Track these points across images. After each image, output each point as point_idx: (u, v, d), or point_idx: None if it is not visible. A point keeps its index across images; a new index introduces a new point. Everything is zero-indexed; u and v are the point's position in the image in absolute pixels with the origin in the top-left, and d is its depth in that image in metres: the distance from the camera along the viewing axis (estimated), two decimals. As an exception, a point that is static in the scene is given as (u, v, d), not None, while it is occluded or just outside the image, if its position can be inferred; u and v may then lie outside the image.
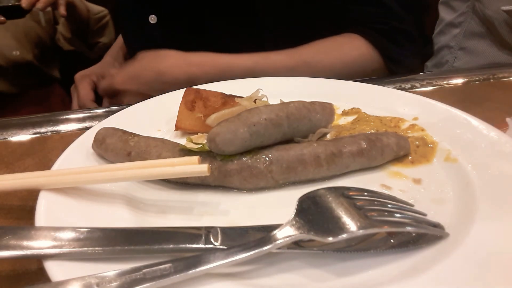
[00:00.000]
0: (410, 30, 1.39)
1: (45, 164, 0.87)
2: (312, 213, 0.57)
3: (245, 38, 1.42)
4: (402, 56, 1.39)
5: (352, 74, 1.31)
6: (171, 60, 1.29)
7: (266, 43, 1.39)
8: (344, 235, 0.53)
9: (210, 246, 0.56)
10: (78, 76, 1.61)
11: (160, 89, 1.12)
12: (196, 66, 1.28)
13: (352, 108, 1.01)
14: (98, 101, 1.52)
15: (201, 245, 0.56)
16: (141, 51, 1.35)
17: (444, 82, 1.33)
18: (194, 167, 0.67)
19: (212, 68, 1.29)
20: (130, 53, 1.68)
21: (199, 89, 0.98)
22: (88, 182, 0.68)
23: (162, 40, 1.48)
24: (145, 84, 1.29)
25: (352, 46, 1.37)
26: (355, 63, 1.36)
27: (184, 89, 0.97)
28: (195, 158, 0.69)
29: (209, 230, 0.58)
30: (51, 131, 1.03)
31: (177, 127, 0.92)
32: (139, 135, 0.81)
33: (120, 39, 1.84)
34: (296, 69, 1.29)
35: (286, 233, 0.54)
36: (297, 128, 0.79)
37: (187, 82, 1.20)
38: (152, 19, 1.48)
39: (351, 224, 0.55)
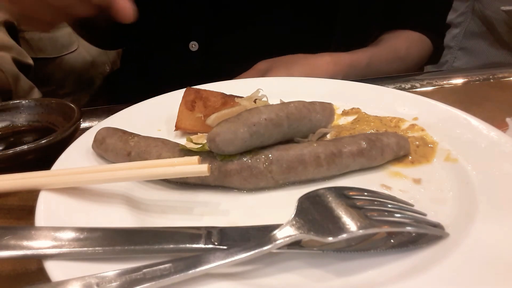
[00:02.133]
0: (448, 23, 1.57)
1: (45, 164, 0.86)
2: (312, 213, 0.57)
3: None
4: (443, 45, 1.59)
5: (418, 67, 1.52)
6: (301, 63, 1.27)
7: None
8: (344, 235, 0.53)
9: (210, 246, 0.56)
10: None
11: None
12: (328, 66, 1.28)
13: (352, 108, 1.01)
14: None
15: (201, 245, 0.56)
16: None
17: (444, 82, 1.33)
18: (194, 167, 0.67)
19: (338, 67, 1.29)
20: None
21: (199, 89, 0.98)
22: (88, 182, 0.68)
23: (201, 67, 1.44)
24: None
25: (422, 41, 1.51)
26: (425, 57, 1.55)
27: (184, 89, 0.97)
28: (195, 158, 0.69)
29: (209, 230, 0.58)
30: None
31: (177, 127, 0.92)
32: (139, 135, 0.81)
33: None
34: (393, 63, 1.41)
35: (286, 233, 0.54)
36: (297, 128, 0.79)
37: None
38: (193, 46, 1.43)
39: (351, 224, 0.55)
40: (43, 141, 0.80)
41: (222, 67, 1.39)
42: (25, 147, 0.79)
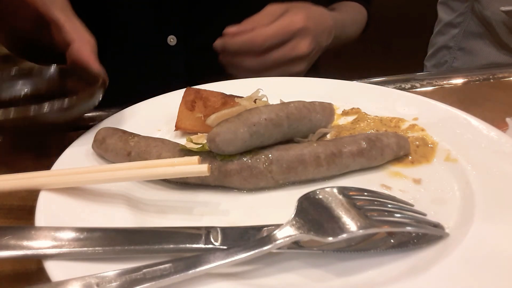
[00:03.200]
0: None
1: (45, 164, 0.86)
2: (312, 213, 0.57)
3: None
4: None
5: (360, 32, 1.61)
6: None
7: None
8: (344, 235, 0.53)
9: (210, 246, 0.56)
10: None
11: (324, 40, 1.17)
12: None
13: (352, 108, 1.01)
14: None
15: (201, 245, 0.56)
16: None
17: (444, 82, 1.32)
18: (194, 167, 0.67)
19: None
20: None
21: (199, 89, 0.98)
22: (88, 182, 0.68)
23: (182, 62, 1.39)
24: (321, 25, 1.22)
25: (362, 8, 1.60)
26: (364, 23, 1.63)
27: (184, 89, 0.97)
28: (195, 158, 0.69)
29: (209, 230, 0.58)
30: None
31: (177, 127, 0.92)
32: (139, 135, 0.81)
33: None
34: (353, 25, 1.49)
35: (286, 233, 0.54)
36: (297, 128, 0.79)
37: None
38: (171, 40, 1.38)
39: (351, 224, 0.55)
40: (65, 102, 0.78)
41: (204, 62, 1.33)
42: (45, 106, 0.76)
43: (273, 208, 0.70)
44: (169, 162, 0.70)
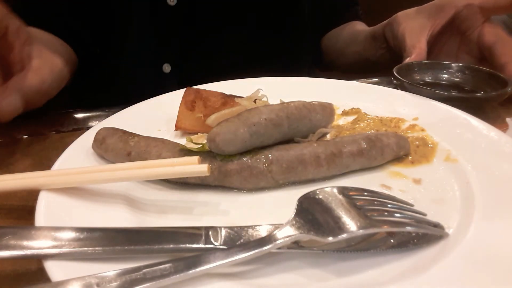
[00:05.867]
0: None
1: (45, 164, 0.86)
2: (312, 213, 0.57)
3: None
4: None
5: None
6: None
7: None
8: (344, 235, 0.53)
9: (210, 246, 0.56)
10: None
11: None
12: None
13: (352, 108, 1.01)
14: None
15: (201, 245, 0.56)
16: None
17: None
18: (194, 167, 0.67)
19: None
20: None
21: (199, 89, 0.98)
22: (88, 182, 0.68)
23: (175, 85, 1.44)
24: None
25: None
26: None
27: (184, 89, 0.97)
28: (195, 158, 0.69)
29: (209, 230, 0.58)
30: (51, 131, 1.03)
31: (177, 127, 0.92)
32: (139, 135, 0.81)
33: None
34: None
35: (286, 233, 0.54)
36: (297, 128, 0.79)
37: None
38: (166, 68, 1.44)
39: (351, 224, 0.55)
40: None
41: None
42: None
43: (273, 208, 0.70)
44: (169, 162, 0.69)
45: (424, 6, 1.26)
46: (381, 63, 1.46)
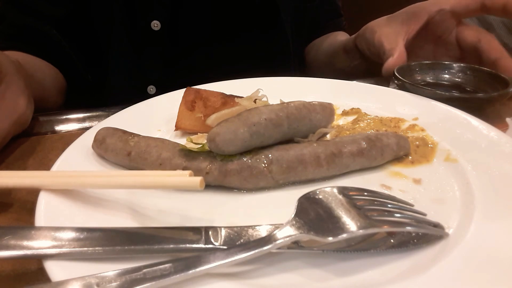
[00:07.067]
0: None
1: (45, 164, 0.86)
2: (312, 213, 0.57)
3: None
4: None
5: None
6: None
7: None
8: (344, 235, 0.53)
9: (210, 246, 0.56)
10: None
11: None
12: None
13: (352, 108, 1.01)
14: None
15: (201, 245, 0.56)
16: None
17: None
18: (188, 179, 0.64)
19: None
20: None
21: (199, 89, 0.98)
22: (88, 186, 0.68)
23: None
24: None
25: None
26: None
27: (184, 89, 0.97)
28: (187, 173, 0.65)
29: (209, 230, 0.58)
30: (51, 131, 1.03)
31: (177, 127, 0.92)
32: (139, 135, 0.81)
33: None
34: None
35: (286, 233, 0.54)
36: (297, 128, 0.79)
37: None
38: (151, 90, 1.44)
39: (351, 224, 0.55)
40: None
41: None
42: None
43: (273, 208, 0.70)
44: (166, 174, 0.69)
45: (395, 15, 1.27)
46: (356, 74, 1.45)
